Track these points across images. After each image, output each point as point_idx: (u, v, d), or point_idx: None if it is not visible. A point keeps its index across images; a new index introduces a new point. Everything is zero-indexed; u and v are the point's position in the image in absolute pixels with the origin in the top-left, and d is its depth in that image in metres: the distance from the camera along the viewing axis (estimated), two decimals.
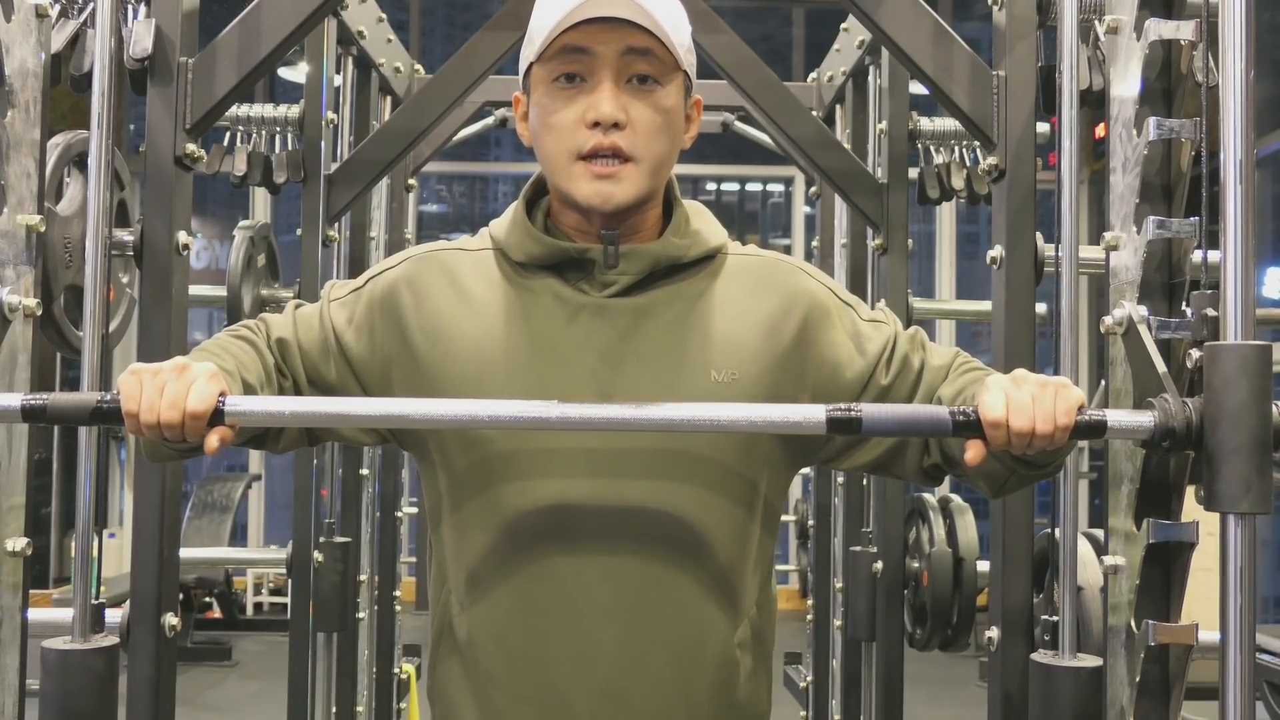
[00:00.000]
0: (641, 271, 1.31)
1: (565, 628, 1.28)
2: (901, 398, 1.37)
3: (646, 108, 1.27)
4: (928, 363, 1.39)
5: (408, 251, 1.42)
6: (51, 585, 6.97)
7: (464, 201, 10.20)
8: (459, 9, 9.87)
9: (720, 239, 1.38)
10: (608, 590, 1.28)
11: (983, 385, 1.23)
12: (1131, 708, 1.77)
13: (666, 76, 1.28)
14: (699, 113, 1.38)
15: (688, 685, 1.30)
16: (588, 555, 1.28)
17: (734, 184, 10.07)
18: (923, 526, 3.52)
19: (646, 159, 1.27)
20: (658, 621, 1.28)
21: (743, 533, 1.33)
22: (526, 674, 1.30)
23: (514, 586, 1.29)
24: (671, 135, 1.30)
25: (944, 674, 6.10)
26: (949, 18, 5.32)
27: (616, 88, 1.26)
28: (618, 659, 1.28)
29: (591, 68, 1.26)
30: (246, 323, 1.39)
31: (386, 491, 3.69)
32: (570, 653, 1.28)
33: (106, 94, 1.90)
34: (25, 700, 1.82)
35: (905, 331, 1.42)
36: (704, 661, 1.30)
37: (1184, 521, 1.75)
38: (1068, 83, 1.87)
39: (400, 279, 1.36)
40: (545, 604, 1.28)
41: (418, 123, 3.11)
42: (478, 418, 1.22)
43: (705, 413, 1.24)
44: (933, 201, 3.23)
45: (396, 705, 3.76)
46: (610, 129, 1.25)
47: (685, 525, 1.28)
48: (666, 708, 1.29)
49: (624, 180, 1.27)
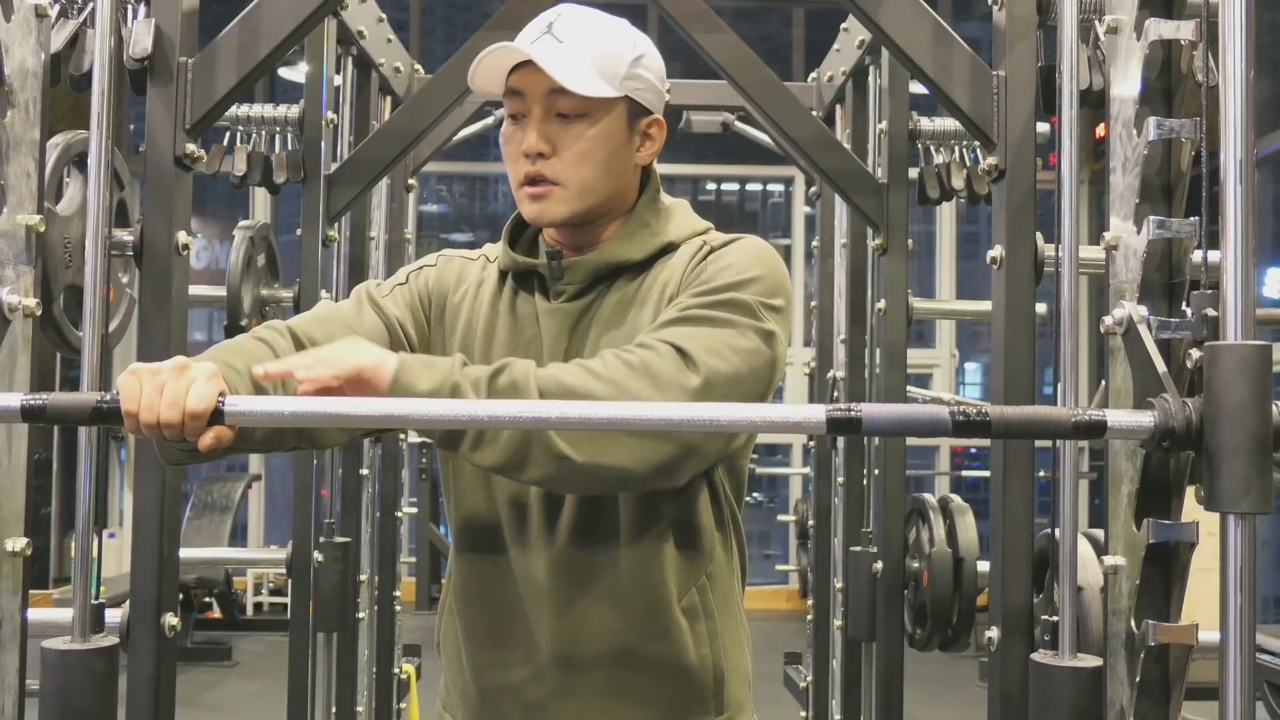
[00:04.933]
0: (584, 279, 1.47)
1: (517, 607, 1.45)
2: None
3: (570, 138, 1.44)
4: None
5: (436, 254, 1.62)
6: (51, 585, 6.97)
7: (464, 201, 10.20)
8: (459, 9, 9.87)
9: (677, 234, 1.49)
10: (548, 573, 1.43)
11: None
12: (1131, 708, 1.77)
13: (596, 108, 1.44)
14: (660, 129, 1.51)
15: (628, 651, 1.42)
16: (532, 546, 1.44)
17: (734, 184, 10.08)
18: (923, 526, 3.52)
19: (572, 182, 1.44)
20: (593, 597, 1.42)
21: (680, 510, 1.43)
22: (493, 641, 1.47)
23: (478, 567, 1.48)
24: (604, 159, 1.45)
25: (944, 674, 6.10)
26: (949, 18, 5.33)
27: (544, 123, 1.43)
28: (560, 631, 1.42)
29: (526, 106, 1.44)
30: (273, 323, 1.47)
31: (386, 491, 3.69)
32: (522, 625, 1.44)
33: (106, 94, 1.90)
34: (25, 700, 1.82)
35: (715, 289, 1.39)
36: (644, 628, 1.42)
37: (1184, 521, 1.75)
38: (1068, 83, 1.87)
39: (433, 271, 1.58)
40: (500, 590, 1.46)
41: (418, 123, 3.12)
42: (477, 418, 1.22)
43: (705, 413, 1.25)
44: (933, 201, 3.23)
45: (396, 705, 3.76)
46: (536, 158, 1.44)
47: (615, 513, 1.41)
48: (610, 674, 1.43)
49: (551, 200, 1.44)
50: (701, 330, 1.34)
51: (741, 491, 1.51)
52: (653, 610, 1.42)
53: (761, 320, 1.37)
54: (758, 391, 1.37)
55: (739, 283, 1.39)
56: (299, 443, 1.45)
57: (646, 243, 1.48)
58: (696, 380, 1.30)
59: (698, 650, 1.44)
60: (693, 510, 1.44)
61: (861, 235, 3.42)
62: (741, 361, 1.35)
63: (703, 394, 1.30)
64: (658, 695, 1.44)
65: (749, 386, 1.35)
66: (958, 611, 3.39)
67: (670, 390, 1.29)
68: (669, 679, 1.43)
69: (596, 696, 1.43)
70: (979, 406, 1.29)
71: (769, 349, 1.38)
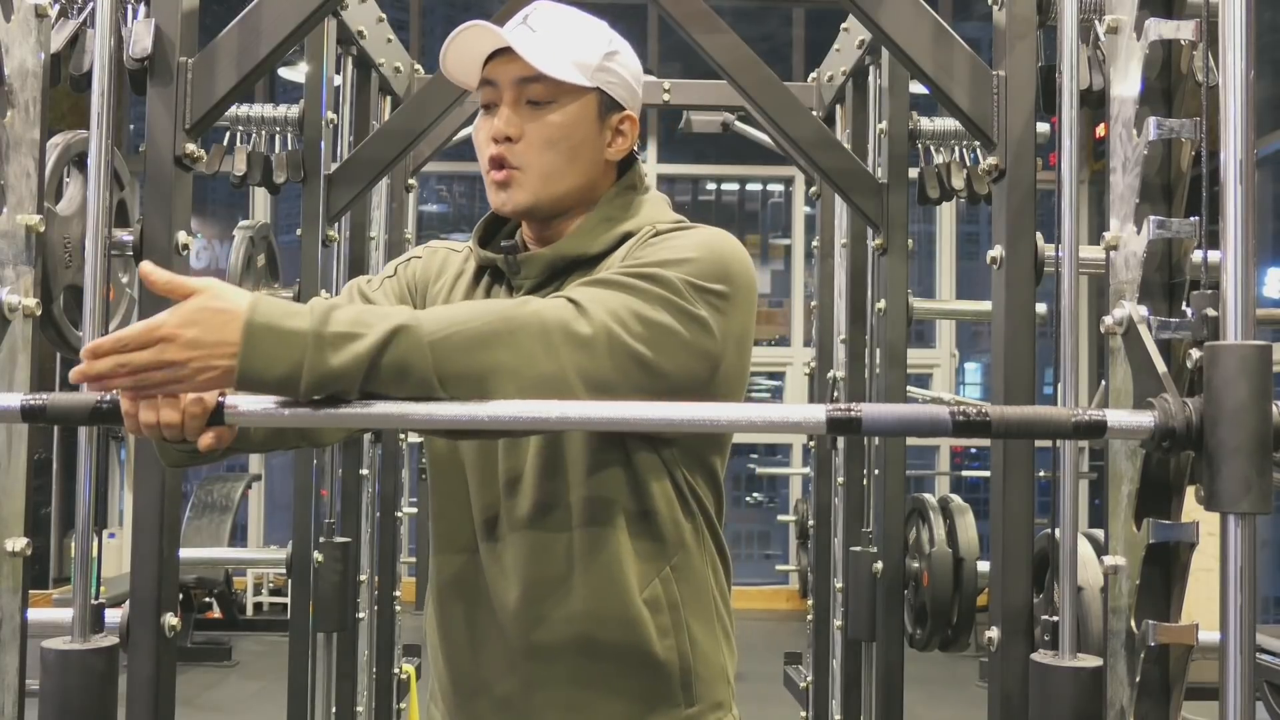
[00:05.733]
0: (540, 274, 1.46)
1: (486, 600, 1.46)
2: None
3: (536, 125, 1.44)
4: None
5: (424, 246, 1.62)
6: (51, 585, 6.98)
7: (463, 201, 10.20)
8: (459, 9, 9.87)
9: (635, 225, 1.47)
10: (514, 564, 1.43)
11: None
12: (1131, 708, 1.77)
13: (565, 96, 1.44)
14: (632, 127, 1.50)
15: (592, 641, 1.42)
16: (499, 537, 1.44)
17: (734, 184, 10.08)
18: (923, 526, 3.52)
19: (534, 168, 1.44)
20: (556, 587, 1.42)
21: (634, 497, 1.42)
22: (466, 634, 1.48)
23: (452, 559, 1.49)
24: (569, 148, 1.45)
25: (944, 674, 6.11)
26: (949, 18, 5.33)
27: (513, 110, 1.44)
28: (527, 621, 1.43)
29: (498, 95, 1.45)
30: None
31: (386, 491, 3.69)
32: (491, 617, 1.45)
33: (106, 94, 1.90)
34: (25, 700, 1.82)
35: (639, 263, 1.35)
36: (606, 617, 1.41)
37: (1184, 521, 1.75)
38: (1068, 83, 1.87)
39: (419, 263, 1.59)
40: (472, 582, 1.47)
41: (418, 123, 3.12)
42: (477, 418, 1.22)
43: (704, 413, 1.24)
44: (933, 201, 3.23)
45: (396, 705, 3.76)
46: (504, 142, 1.44)
47: (568, 499, 1.41)
48: (576, 664, 1.43)
49: (513, 186, 1.44)
50: (605, 292, 1.29)
51: (717, 482, 1.49)
52: (613, 599, 1.41)
53: (686, 301, 1.31)
54: (675, 378, 1.30)
55: (668, 260, 1.33)
56: (298, 442, 1.45)
57: (604, 235, 1.46)
58: (586, 329, 1.24)
59: (662, 641, 1.43)
60: (647, 498, 1.42)
61: (861, 235, 3.42)
62: (646, 332, 1.28)
63: (592, 348, 1.24)
64: (624, 686, 1.43)
65: (656, 367, 1.28)
66: (958, 611, 3.39)
67: (554, 335, 1.23)
68: (634, 669, 1.43)
69: (564, 686, 1.43)
70: (979, 406, 1.29)
71: (689, 333, 1.31)
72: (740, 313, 1.37)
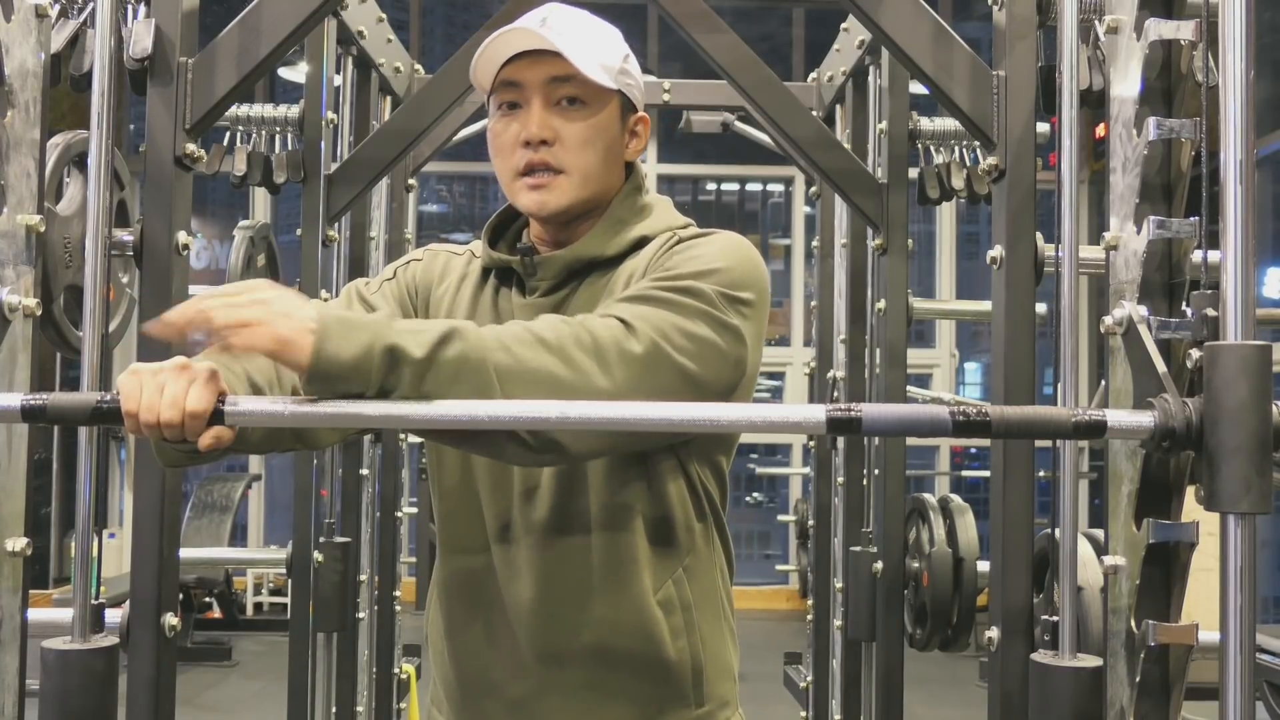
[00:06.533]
0: (557, 276, 1.46)
1: (498, 603, 1.45)
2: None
3: (574, 125, 1.43)
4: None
5: (423, 249, 1.61)
6: (51, 585, 6.98)
7: (464, 201, 10.20)
8: (459, 9, 9.88)
9: (651, 229, 1.47)
10: (527, 568, 1.42)
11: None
12: (1131, 708, 1.77)
13: (595, 98, 1.44)
14: (645, 128, 1.52)
15: (605, 646, 1.42)
16: (511, 540, 1.44)
17: (734, 184, 10.08)
18: (923, 526, 3.52)
19: (576, 170, 1.43)
20: (569, 590, 1.42)
21: (653, 503, 1.42)
22: (475, 637, 1.48)
23: (461, 562, 1.48)
24: (603, 149, 1.45)
25: (944, 674, 6.11)
26: (949, 18, 5.33)
27: (545, 111, 1.43)
28: (539, 626, 1.42)
29: (525, 96, 1.43)
30: None
31: (386, 491, 3.69)
32: (503, 621, 1.44)
33: (106, 94, 1.90)
34: (25, 700, 1.82)
35: (674, 276, 1.36)
36: (620, 621, 1.42)
37: (1184, 521, 1.75)
38: (1068, 83, 1.87)
39: (419, 265, 1.58)
40: (482, 585, 1.46)
41: (418, 123, 3.12)
42: (477, 418, 1.22)
43: (705, 412, 1.25)
44: (933, 201, 3.23)
45: (396, 705, 3.76)
46: (539, 146, 1.42)
47: (587, 505, 1.41)
48: (588, 669, 1.43)
49: (555, 189, 1.43)
50: (649, 309, 1.30)
51: (724, 481, 1.50)
52: (628, 603, 1.41)
53: (721, 312, 1.33)
54: (715, 388, 1.32)
55: (700, 272, 1.35)
56: (294, 444, 1.44)
57: (619, 238, 1.47)
58: (638, 348, 1.27)
59: (674, 642, 1.43)
60: (665, 503, 1.43)
61: (861, 235, 3.42)
62: (692, 346, 1.30)
63: (644, 365, 1.27)
64: (637, 690, 1.44)
65: (699, 379, 1.30)
66: (958, 611, 3.39)
67: (609, 353, 1.25)
68: (648, 671, 1.43)
69: (578, 689, 1.43)
70: (979, 406, 1.29)
71: (725, 343, 1.33)
72: (762, 317, 1.41)
